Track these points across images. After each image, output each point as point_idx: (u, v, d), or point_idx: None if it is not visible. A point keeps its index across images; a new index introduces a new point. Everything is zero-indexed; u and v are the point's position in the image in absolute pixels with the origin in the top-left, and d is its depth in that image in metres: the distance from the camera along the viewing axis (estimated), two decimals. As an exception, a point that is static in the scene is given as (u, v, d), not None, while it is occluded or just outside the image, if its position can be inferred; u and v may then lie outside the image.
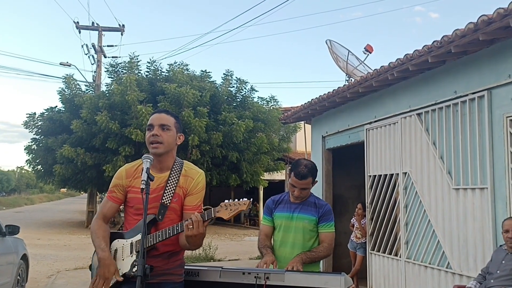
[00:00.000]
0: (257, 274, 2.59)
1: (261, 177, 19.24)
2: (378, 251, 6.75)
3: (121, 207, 2.65)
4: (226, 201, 2.34)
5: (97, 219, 2.53)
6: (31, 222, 21.35)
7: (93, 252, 2.61)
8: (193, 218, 2.23)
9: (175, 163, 2.54)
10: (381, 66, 6.03)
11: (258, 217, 21.20)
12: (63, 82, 18.96)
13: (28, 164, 20.52)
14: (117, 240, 2.49)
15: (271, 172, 20.13)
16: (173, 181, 2.48)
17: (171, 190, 2.46)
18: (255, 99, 19.67)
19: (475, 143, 4.91)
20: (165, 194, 2.45)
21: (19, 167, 70.06)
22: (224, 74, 19.26)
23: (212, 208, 2.30)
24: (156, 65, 19.03)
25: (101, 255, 2.37)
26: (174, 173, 2.50)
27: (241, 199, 2.33)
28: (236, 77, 19.27)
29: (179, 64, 18.76)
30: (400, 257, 6.16)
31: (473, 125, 4.97)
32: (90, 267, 2.61)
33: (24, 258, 6.41)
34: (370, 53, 9.23)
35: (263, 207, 3.36)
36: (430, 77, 5.70)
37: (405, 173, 6.12)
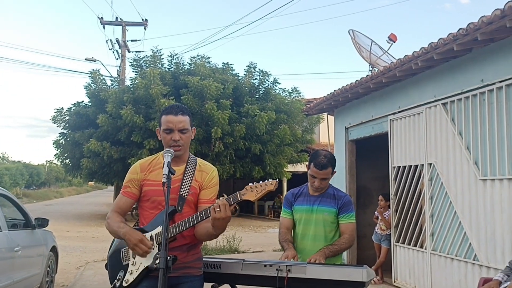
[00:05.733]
0: (279, 267, 2.61)
1: (284, 169, 19.21)
2: (403, 243, 6.68)
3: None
4: (251, 183, 2.36)
5: (111, 212, 2.56)
6: (61, 214, 21.89)
7: (109, 248, 2.64)
8: (219, 201, 2.27)
9: (190, 157, 2.61)
10: (405, 56, 5.92)
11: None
12: (89, 77, 19.30)
13: (57, 158, 21.01)
14: None
15: (294, 164, 20.08)
16: (189, 174, 2.53)
17: (188, 183, 2.51)
18: (278, 91, 19.63)
19: (503, 132, 4.79)
20: (183, 186, 2.49)
21: (48, 161, 71.68)
22: (247, 66, 19.29)
23: (238, 192, 2.32)
24: (178, 58, 19.19)
25: (123, 231, 2.39)
26: (190, 166, 2.56)
27: (266, 180, 2.35)
28: (259, 69, 19.28)
29: (200, 57, 18.86)
30: (425, 249, 6.08)
31: (501, 114, 4.84)
32: (106, 266, 2.62)
33: (54, 250, 6.58)
34: (394, 42, 9.08)
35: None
36: (456, 66, 5.57)
37: (430, 164, 6.02)
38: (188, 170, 2.54)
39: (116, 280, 2.47)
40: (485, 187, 5.05)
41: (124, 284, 2.43)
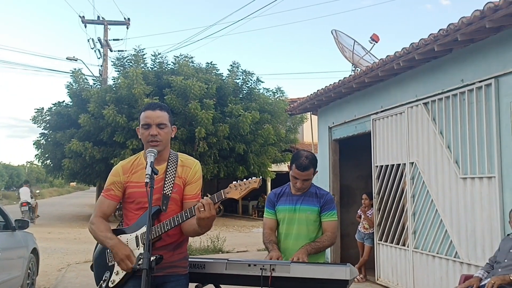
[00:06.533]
0: (263, 266, 2.61)
1: (268, 168, 19.24)
2: (386, 241, 6.75)
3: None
4: (235, 182, 2.36)
5: (96, 217, 2.51)
6: (42, 216, 21.53)
7: (94, 250, 2.60)
8: (204, 201, 2.25)
9: (171, 155, 2.59)
10: (387, 56, 5.98)
11: (266, 209, 21.16)
12: (71, 76, 19.04)
13: (38, 159, 20.68)
14: (119, 236, 2.46)
15: (278, 164, 20.12)
16: (171, 172, 2.51)
17: (171, 181, 2.49)
18: (261, 91, 19.66)
19: (483, 131, 4.87)
20: (166, 185, 2.47)
21: (29, 162, 70.63)
22: (230, 66, 19.27)
23: (222, 190, 2.32)
24: (161, 58, 19.07)
25: (111, 243, 2.38)
26: (171, 164, 2.54)
27: (250, 178, 2.35)
28: (242, 69, 19.28)
29: (184, 57, 18.76)
30: (407, 247, 6.16)
31: (480, 113, 4.92)
32: (92, 267, 2.59)
33: (34, 252, 6.48)
34: (376, 42, 9.16)
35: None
36: (437, 66, 5.64)
37: (412, 163, 6.10)
38: (170, 167, 2.52)
39: (102, 281, 2.45)
40: (465, 185, 5.13)
41: (110, 284, 2.41)
